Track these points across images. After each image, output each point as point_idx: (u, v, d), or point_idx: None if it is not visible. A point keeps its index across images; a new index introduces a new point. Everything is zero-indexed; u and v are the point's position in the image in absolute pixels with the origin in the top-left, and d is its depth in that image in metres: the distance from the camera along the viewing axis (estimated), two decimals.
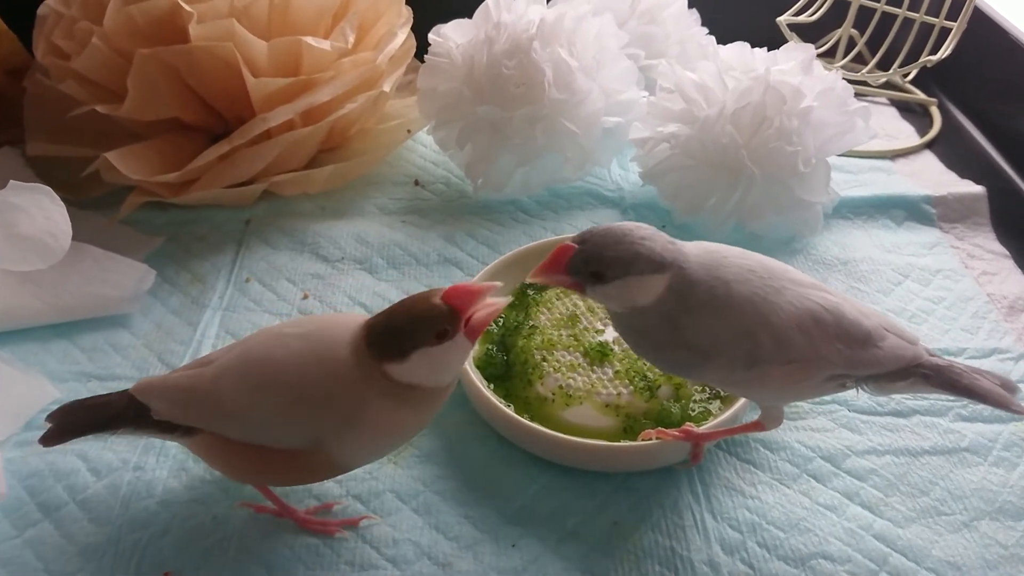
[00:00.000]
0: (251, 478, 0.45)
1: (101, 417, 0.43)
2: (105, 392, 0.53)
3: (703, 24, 0.78)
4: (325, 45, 0.65)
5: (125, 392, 0.43)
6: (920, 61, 0.80)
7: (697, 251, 0.41)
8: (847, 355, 0.41)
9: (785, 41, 0.71)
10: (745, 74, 0.63)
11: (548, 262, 0.40)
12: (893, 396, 0.53)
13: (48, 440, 0.43)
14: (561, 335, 0.54)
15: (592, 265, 0.40)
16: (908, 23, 0.81)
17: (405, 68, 0.74)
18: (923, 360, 0.42)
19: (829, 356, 0.41)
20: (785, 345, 0.40)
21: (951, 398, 0.53)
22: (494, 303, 0.40)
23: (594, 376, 0.51)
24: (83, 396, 0.53)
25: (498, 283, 0.41)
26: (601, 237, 0.40)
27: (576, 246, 0.40)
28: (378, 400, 0.40)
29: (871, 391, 0.44)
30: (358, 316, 0.42)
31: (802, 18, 0.83)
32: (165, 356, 0.56)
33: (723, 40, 0.68)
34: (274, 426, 0.41)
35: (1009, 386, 0.43)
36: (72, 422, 0.43)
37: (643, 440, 0.48)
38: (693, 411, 0.50)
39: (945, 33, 0.79)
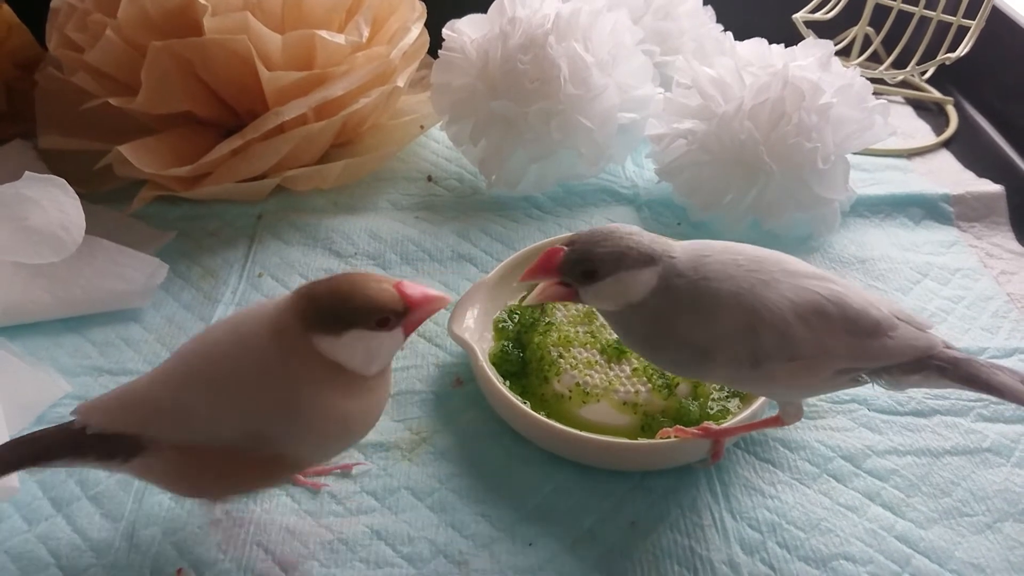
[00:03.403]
0: (204, 490, 0.41)
1: (37, 448, 0.39)
2: (116, 387, 0.53)
3: (717, 21, 0.77)
4: (339, 39, 0.65)
5: (66, 422, 0.40)
6: (938, 59, 0.79)
7: (683, 247, 0.42)
8: (855, 347, 0.40)
9: (800, 39, 0.70)
10: (763, 70, 0.62)
11: (538, 264, 0.40)
12: (911, 395, 0.53)
13: None
14: (578, 332, 0.53)
15: (584, 264, 0.40)
16: (924, 21, 0.80)
17: (419, 63, 0.74)
18: (939, 352, 0.41)
19: (836, 349, 0.40)
20: (788, 339, 0.40)
21: (972, 397, 0.53)
22: (435, 307, 0.39)
23: (611, 373, 0.51)
24: (94, 390, 0.53)
25: (449, 297, 0.40)
26: (589, 236, 0.40)
27: (566, 247, 0.40)
28: (307, 382, 0.37)
29: (886, 385, 0.43)
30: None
31: (818, 15, 0.82)
32: None
33: (738, 38, 0.67)
34: (212, 419, 0.38)
35: None
36: (5, 457, 0.39)
37: (661, 438, 0.47)
38: (712, 409, 0.50)
39: (961, 31, 0.79)
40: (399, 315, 0.38)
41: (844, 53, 0.84)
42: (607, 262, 0.40)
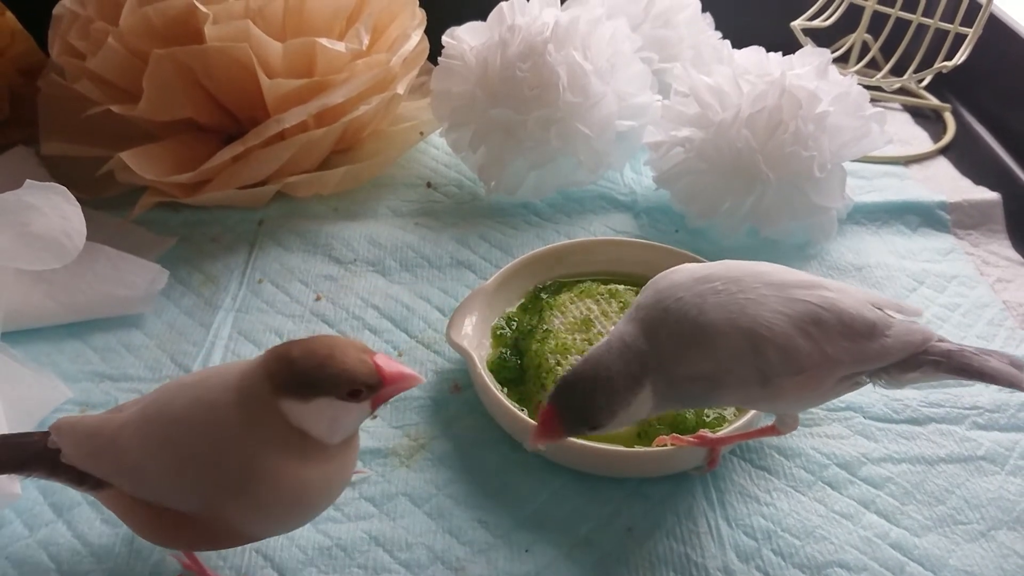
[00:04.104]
0: (158, 539, 0.41)
1: (16, 457, 0.40)
2: (117, 393, 0.54)
3: (716, 28, 0.78)
4: (339, 47, 0.65)
5: (47, 432, 0.40)
6: (936, 66, 0.79)
7: (646, 317, 0.41)
8: (856, 352, 0.41)
9: (798, 46, 0.71)
10: (760, 78, 0.62)
11: (542, 431, 0.40)
12: (907, 403, 0.53)
13: None
14: (575, 339, 0.53)
15: (587, 423, 0.40)
16: (922, 28, 0.81)
17: (418, 70, 0.74)
18: (932, 346, 0.42)
19: (838, 356, 0.40)
20: (791, 352, 0.40)
21: (967, 405, 0.53)
22: (407, 385, 0.38)
23: None
24: (96, 396, 0.53)
25: (423, 378, 0.39)
26: (576, 387, 0.40)
27: (555, 407, 0.40)
28: (268, 449, 0.36)
29: (885, 385, 0.43)
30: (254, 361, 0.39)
31: (816, 23, 0.83)
32: (178, 357, 0.56)
33: (737, 45, 0.68)
34: (166, 486, 0.38)
35: (1019, 364, 0.42)
36: None
37: (657, 446, 0.48)
38: (708, 417, 0.50)
39: (959, 39, 0.79)
40: (371, 389, 0.37)
41: (842, 60, 0.84)
42: (605, 414, 0.40)
